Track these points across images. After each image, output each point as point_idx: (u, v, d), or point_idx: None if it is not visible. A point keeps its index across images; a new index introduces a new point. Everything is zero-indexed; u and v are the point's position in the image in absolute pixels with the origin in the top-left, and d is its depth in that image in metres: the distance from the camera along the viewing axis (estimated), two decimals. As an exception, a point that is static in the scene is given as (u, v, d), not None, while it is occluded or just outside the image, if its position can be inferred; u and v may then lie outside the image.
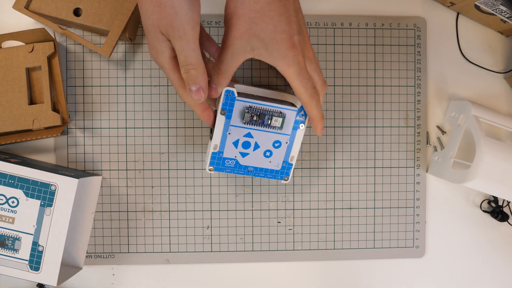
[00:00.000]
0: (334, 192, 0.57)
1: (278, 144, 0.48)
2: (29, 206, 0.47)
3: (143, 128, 0.56)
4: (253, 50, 0.41)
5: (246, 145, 0.48)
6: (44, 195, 0.48)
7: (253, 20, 0.39)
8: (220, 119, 0.46)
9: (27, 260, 0.48)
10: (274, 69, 0.56)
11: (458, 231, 0.59)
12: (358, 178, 0.58)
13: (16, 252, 0.48)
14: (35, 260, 0.48)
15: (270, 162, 0.49)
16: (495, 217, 0.59)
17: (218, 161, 0.48)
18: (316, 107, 0.44)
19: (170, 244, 0.56)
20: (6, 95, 0.51)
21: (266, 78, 0.56)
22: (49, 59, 0.52)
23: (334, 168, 0.57)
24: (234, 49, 0.41)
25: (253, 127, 0.47)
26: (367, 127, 0.58)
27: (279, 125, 0.47)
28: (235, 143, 0.47)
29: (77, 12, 0.51)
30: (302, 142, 0.57)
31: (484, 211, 0.60)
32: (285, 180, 0.50)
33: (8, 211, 0.48)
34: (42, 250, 0.48)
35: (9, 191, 0.47)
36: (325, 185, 0.57)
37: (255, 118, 0.46)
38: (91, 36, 0.55)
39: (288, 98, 0.50)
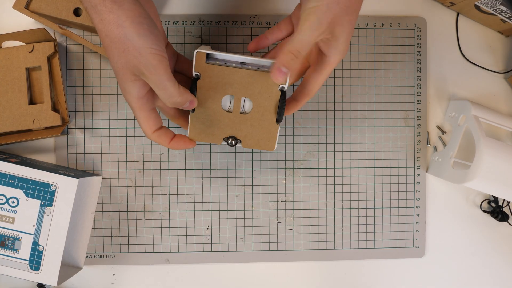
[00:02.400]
0: (334, 192, 0.57)
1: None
2: (29, 206, 0.47)
3: (143, 128, 0.56)
4: (328, 34, 0.41)
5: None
6: (44, 195, 0.48)
7: (345, 10, 0.40)
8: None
9: (27, 260, 0.48)
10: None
11: (458, 231, 0.59)
12: (358, 178, 0.58)
13: (16, 252, 0.48)
14: (35, 260, 0.48)
15: None
16: (495, 217, 0.59)
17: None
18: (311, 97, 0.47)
19: (170, 244, 0.56)
20: (6, 95, 0.51)
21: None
22: (49, 59, 0.52)
23: (334, 168, 0.57)
24: (320, 33, 0.40)
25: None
26: (367, 127, 0.58)
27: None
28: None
29: (77, 12, 0.51)
30: (302, 142, 0.57)
31: (484, 211, 0.60)
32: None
33: (8, 211, 0.48)
34: (42, 250, 0.48)
35: (9, 191, 0.47)
36: (325, 185, 0.57)
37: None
38: (91, 36, 0.55)
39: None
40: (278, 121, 0.46)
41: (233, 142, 0.47)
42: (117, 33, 0.39)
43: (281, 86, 0.45)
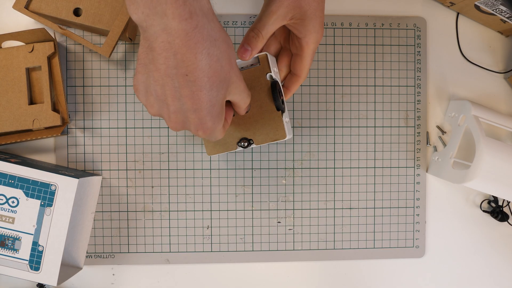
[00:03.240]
0: (334, 192, 0.57)
1: None
2: (29, 206, 0.47)
3: (143, 128, 0.56)
4: (292, 19, 0.45)
5: None
6: (44, 195, 0.48)
7: None
8: None
9: (27, 260, 0.48)
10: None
11: (458, 231, 0.59)
12: (358, 178, 0.58)
13: (16, 252, 0.48)
14: (35, 260, 0.48)
15: None
16: (495, 217, 0.59)
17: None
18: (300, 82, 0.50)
19: (170, 244, 0.56)
20: (6, 95, 0.51)
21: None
22: (49, 59, 0.52)
23: (334, 168, 0.57)
24: (277, 16, 0.44)
25: None
26: (367, 127, 0.58)
27: None
28: None
29: (77, 12, 0.51)
30: (302, 142, 0.57)
31: (484, 211, 0.60)
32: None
33: (8, 211, 0.48)
34: (42, 250, 0.48)
35: (9, 191, 0.47)
36: (325, 185, 0.57)
37: None
38: (91, 36, 0.55)
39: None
40: (277, 108, 0.47)
41: (245, 144, 0.48)
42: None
43: (268, 74, 0.46)
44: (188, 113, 0.36)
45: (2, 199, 0.47)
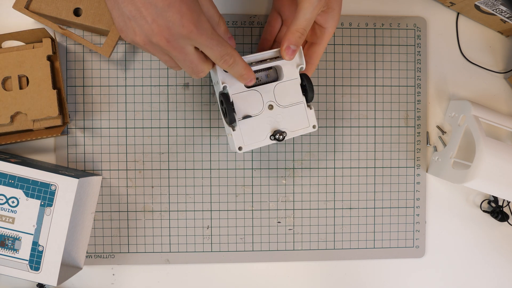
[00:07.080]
0: (334, 192, 0.57)
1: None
2: (29, 206, 0.47)
3: (143, 128, 0.56)
4: (324, 7, 0.45)
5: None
6: (44, 195, 0.48)
7: None
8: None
9: (27, 260, 0.48)
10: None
11: (458, 231, 0.59)
12: (358, 178, 0.58)
13: (16, 252, 0.48)
14: (35, 260, 0.48)
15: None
16: (495, 217, 0.59)
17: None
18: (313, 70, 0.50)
19: (170, 244, 0.56)
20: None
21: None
22: (49, 59, 0.52)
23: (334, 168, 0.57)
24: (319, 9, 0.44)
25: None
26: (367, 127, 0.58)
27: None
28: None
29: (77, 12, 0.51)
30: (302, 142, 0.57)
31: (484, 211, 0.60)
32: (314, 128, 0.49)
33: (8, 211, 0.48)
34: (42, 250, 0.48)
35: (9, 191, 0.47)
36: (325, 185, 0.57)
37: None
38: (91, 36, 0.55)
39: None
40: (310, 99, 0.48)
41: (281, 137, 0.47)
42: None
43: (300, 66, 0.47)
44: (165, 12, 0.37)
45: (2, 199, 0.47)
